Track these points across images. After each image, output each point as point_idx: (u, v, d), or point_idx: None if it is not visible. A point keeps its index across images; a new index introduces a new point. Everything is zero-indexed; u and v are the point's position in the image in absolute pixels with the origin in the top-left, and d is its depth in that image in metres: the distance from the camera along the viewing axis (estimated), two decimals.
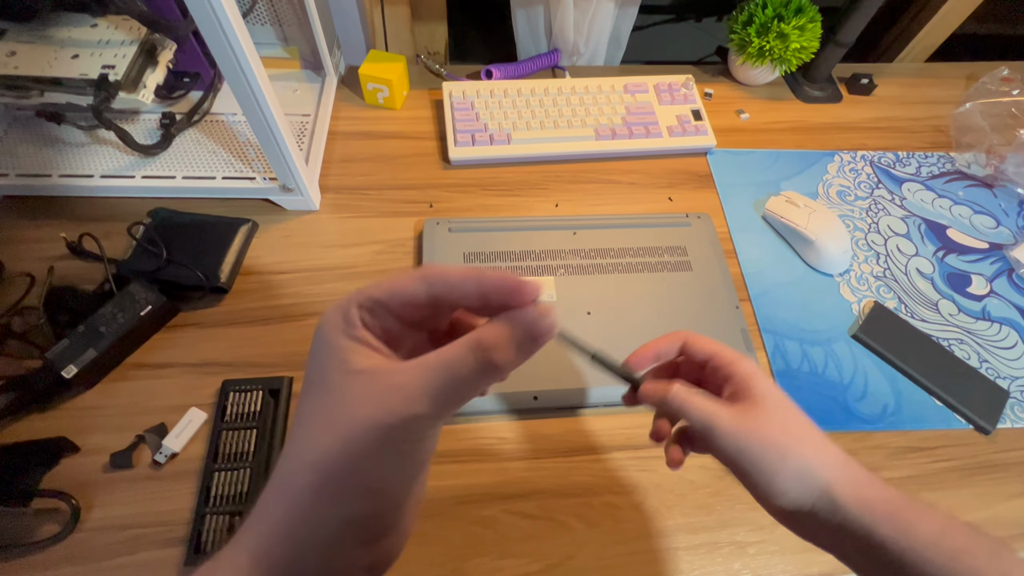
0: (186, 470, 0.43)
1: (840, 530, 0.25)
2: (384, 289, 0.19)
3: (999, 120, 0.69)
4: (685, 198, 0.64)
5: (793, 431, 0.26)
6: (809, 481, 0.26)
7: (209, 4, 0.37)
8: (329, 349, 0.19)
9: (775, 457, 0.25)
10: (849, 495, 0.25)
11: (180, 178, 0.56)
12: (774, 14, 0.67)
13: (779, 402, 0.27)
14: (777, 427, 0.26)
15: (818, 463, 0.25)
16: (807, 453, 0.25)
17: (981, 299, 0.58)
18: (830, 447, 0.26)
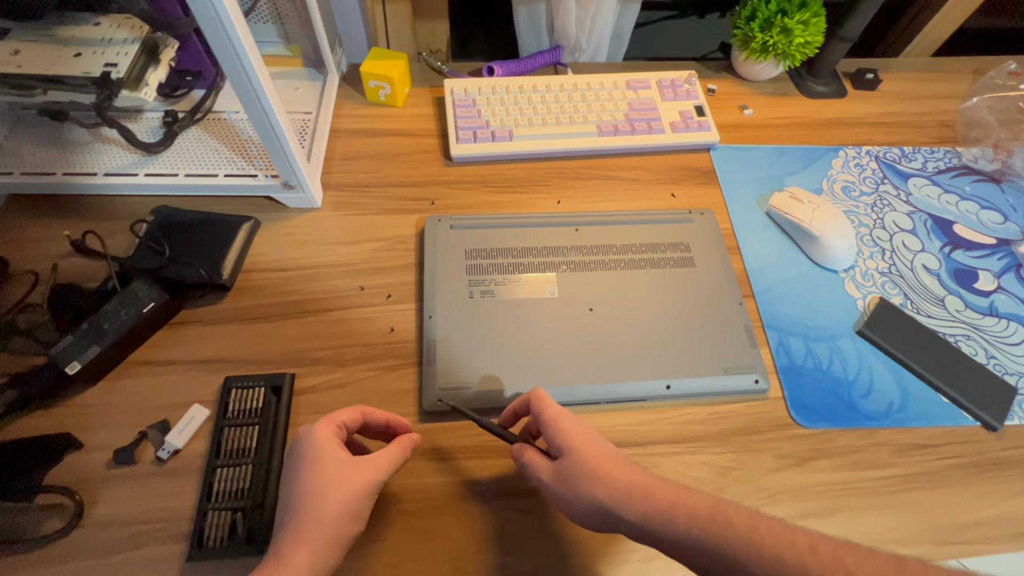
0: (189, 466, 0.43)
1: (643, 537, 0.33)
2: (345, 417, 0.38)
3: (1006, 114, 0.68)
4: (688, 194, 0.63)
5: (588, 473, 0.34)
6: (601, 511, 0.33)
7: (210, 2, 0.37)
8: (327, 447, 0.35)
9: (575, 498, 0.34)
10: (627, 512, 0.32)
11: (183, 176, 0.56)
12: (778, 9, 0.67)
13: (580, 452, 0.35)
14: (576, 474, 0.34)
15: (605, 497, 0.33)
16: (598, 490, 0.33)
17: (988, 295, 0.58)
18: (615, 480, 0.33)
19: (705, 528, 0.30)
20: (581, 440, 0.35)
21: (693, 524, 0.30)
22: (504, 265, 0.54)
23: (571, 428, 0.36)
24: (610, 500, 0.33)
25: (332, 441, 0.36)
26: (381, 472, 0.36)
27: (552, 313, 0.52)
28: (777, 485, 0.46)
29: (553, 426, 0.37)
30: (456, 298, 0.52)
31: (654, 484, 0.33)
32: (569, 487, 0.34)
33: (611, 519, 0.33)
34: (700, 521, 0.30)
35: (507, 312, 0.51)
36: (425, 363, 0.48)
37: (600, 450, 0.35)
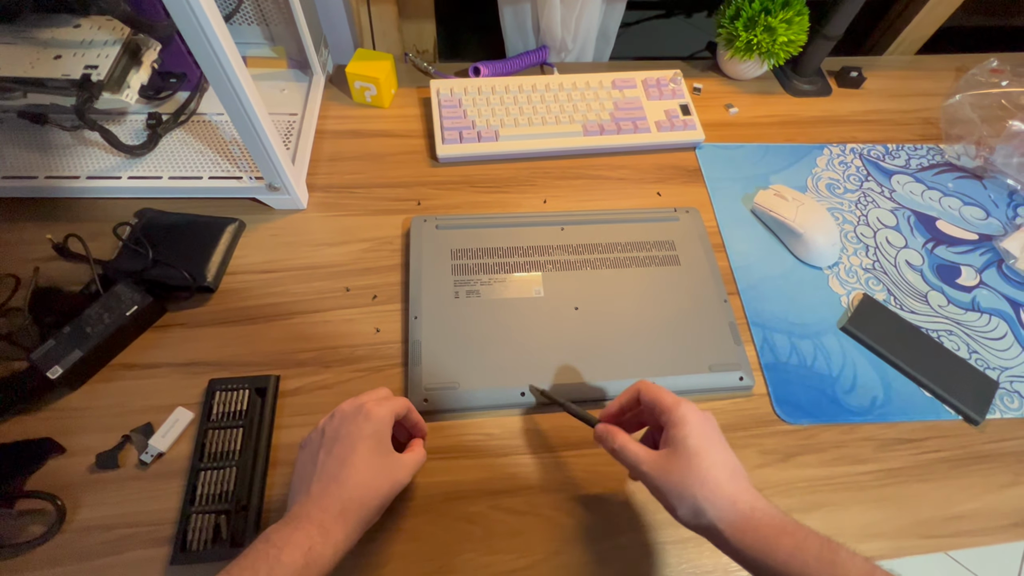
0: (172, 470, 0.43)
1: (736, 555, 0.32)
2: (398, 408, 0.39)
3: (989, 112, 0.69)
4: (674, 193, 0.63)
5: (696, 476, 0.33)
6: (701, 517, 0.33)
7: (188, 5, 0.37)
8: (387, 435, 0.37)
9: (676, 496, 0.33)
10: (727, 529, 0.32)
11: (167, 178, 0.56)
12: (761, 8, 0.67)
13: (693, 450, 0.33)
14: (682, 472, 0.33)
15: (708, 506, 0.32)
16: (700, 496, 0.32)
17: (971, 290, 0.58)
18: (722, 491, 0.32)
19: (809, 564, 0.29)
20: (697, 436, 0.34)
21: (796, 555, 0.30)
22: (490, 265, 0.54)
23: (690, 419, 0.34)
24: (712, 510, 0.32)
25: (389, 431, 0.37)
26: (411, 473, 0.38)
27: (538, 312, 0.52)
28: (762, 481, 0.46)
29: (673, 414, 0.35)
30: (442, 298, 0.52)
31: (762, 507, 0.32)
32: (673, 483, 0.33)
33: (709, 527, 0.32)
34: (806, 555, 0.29)
35: (493, 312, 0.51)
36: (411, 363, 0.48)
37: (715, 453, 0.34)
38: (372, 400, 0.38)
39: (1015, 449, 0.49)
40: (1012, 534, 0.46)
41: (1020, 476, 0.48)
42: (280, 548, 0.30)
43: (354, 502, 0.34)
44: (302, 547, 0.31)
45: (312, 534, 0.32)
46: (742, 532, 0.31)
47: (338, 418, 0.37)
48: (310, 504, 0.33)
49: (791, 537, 0.30)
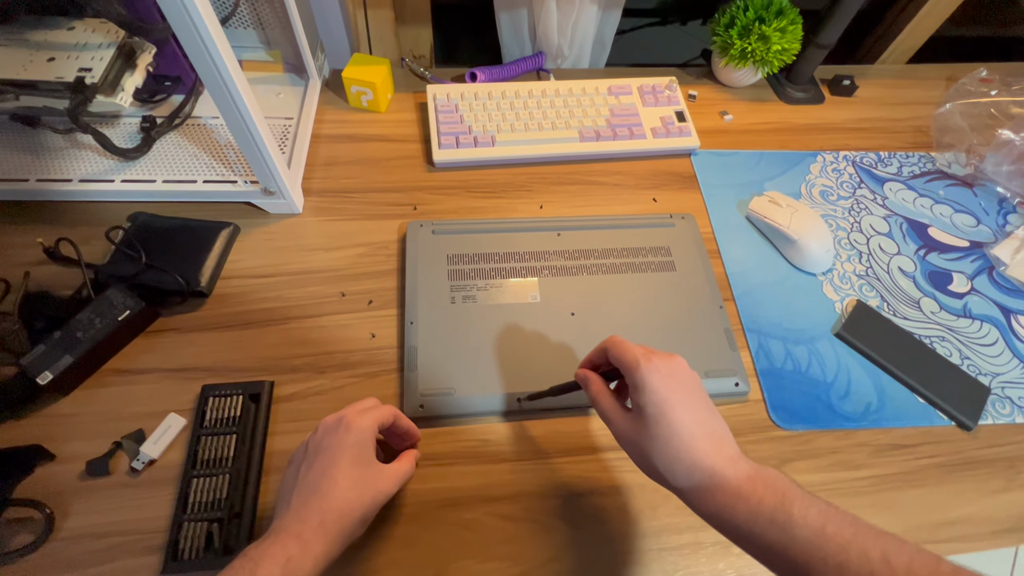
0: (164, 477, 0.43)
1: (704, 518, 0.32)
2: (383, 417, 0.39)
3: (978, 120, 0.70)
4: (669, 199, 0.64)
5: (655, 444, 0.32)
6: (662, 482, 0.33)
7: (184, 8, 0.37)
8: (368, 445, 0.37)
9: (639, 459, 0.34)
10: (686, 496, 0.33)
11: (160, 182, 0.55)
12: (755, 16, 0.68)
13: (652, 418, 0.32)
14: (644, 439, 0.33)
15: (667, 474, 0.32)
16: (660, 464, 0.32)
17: (962, 297, 0.59)
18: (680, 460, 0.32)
19: (764, 527, 0.29)
20: (657, 403, 0.32)
21: (752, 519, 0.29)
22: (486, 270, 0.54)
23: (649, 384, 0.32)
24: (672, 478, 0.32)
25: (372, 441, 0.37)
26: (396, 484, 0.37)
27: (534, 318, 0.52)
28: None
29: (634, 376, 0.33)
30: (438, 303, 0.52)
31: (720, 471, 0.31)
32: (636, 448, 0.33)
33: (672, 491, 0.33)
34: (760, 518, 0.29)
35: (489, 317, 0.51)
36: (407, 369, 0.48)
37: (675, 419, 0.32)
38: (354, 411, 0.38)
39: (1008, 455, 0.50)
40: (1005, 539, 0.46)
41: (1013, 482, 0.48)
42: (256, 563, 0.30)
43: (333, 513, 0.33)
44: (279, 560, 0.30)
45: (290, 546, 0.31)
46: (700, 499, 0.31)
47: (320, 431, 0.37)
48: (290, 517, 0.33)
49: (746, 502, 0.30)
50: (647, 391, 0.32)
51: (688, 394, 0.33)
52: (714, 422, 0.33)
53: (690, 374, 0.35)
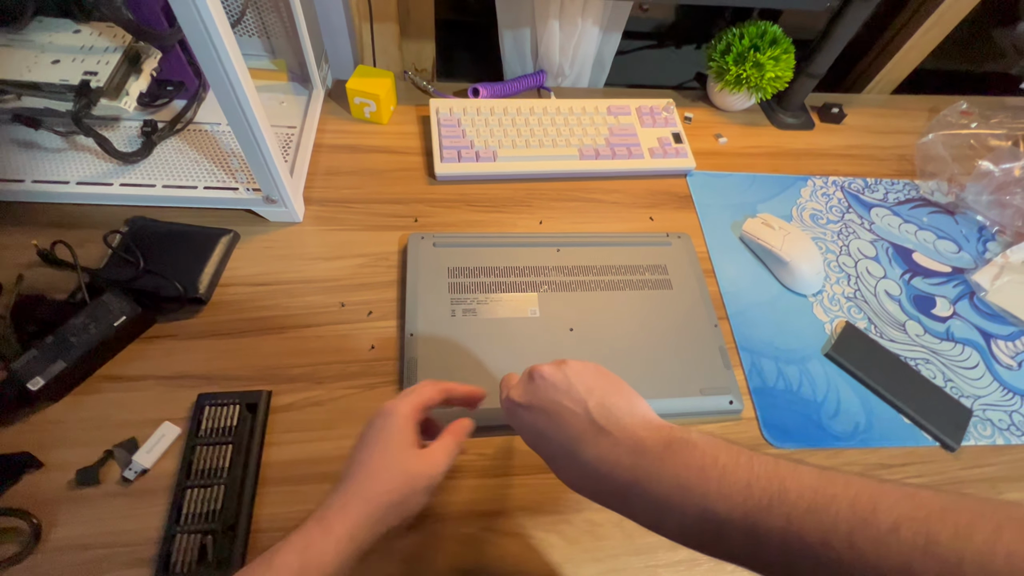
0: (157, 487, 0.42)
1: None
2: (427, 400, 0.38)
3: (959, 151, 0.73)
4: (666, 218, 0.65)
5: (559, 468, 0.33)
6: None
7: (198, 14, 0.37)
8: (400, 431, 0.35)
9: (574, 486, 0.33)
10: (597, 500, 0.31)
11: (160, 187, 0.55)
12: (751, 44, 0.70)
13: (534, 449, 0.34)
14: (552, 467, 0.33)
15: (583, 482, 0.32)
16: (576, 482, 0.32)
17: (945, 320, 0.61)
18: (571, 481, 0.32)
19: (699, 541, 0.27)
20: (534, 444, 0.34)
21: (682, 535, 0.27)
22: (486, 284, 0.55)
23: (518, 426, 0.34)
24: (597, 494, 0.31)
25: (408, 426, 0.35)
26: (439, 466, 0.35)
27: (533, 332, 0.52)
28: None
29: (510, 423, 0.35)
30: (438, 316, 0.52)
31: (598, 480, 0.30)
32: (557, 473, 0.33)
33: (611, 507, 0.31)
34: (690, 535, 0.27)
35: (489, 331, 0.52)
36: (406, 381, 0.48)
37: (544, 448, 0.33)
38: (397, 397, 0.37)
39: (988, 476, 0.51)
40: None
41: None
42: (274, 551, 0.30)
43: (358, 496, 0.32)
44: (296, 547, 0.30)
45: (311, 532, 0.31)
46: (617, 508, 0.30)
47: (366, 423, 0.37)
48: (320, 507, 0.33)
49: (622, 499, 0.29)
50: (522, 435, 0.34)
51: (553, 410, 0.32)
52: (604, 406, 0.31)
53: (555, 379, 0.33)
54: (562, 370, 0.33)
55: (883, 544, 0.21)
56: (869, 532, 0.22)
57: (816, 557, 0.23)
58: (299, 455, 0.45)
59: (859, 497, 0.23)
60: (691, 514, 0.26)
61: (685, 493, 0.26)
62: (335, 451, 0.45)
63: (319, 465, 0.44)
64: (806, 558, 0.23)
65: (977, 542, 0.20)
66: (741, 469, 0.26)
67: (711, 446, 0.27)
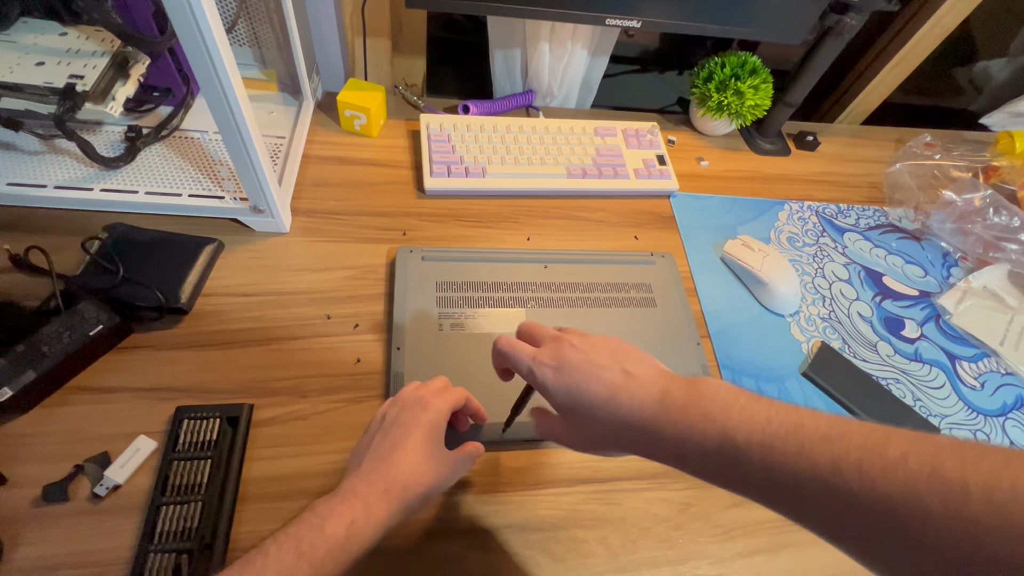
0: (130, 504, 0.40)
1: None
2: (455, 402, 0.40)
3: (924, 180, 0.77)
4: (650, 237, 0.67)
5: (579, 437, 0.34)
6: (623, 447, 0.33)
7: (194, 21, 0.37)
8: (440, 429, 0.38)
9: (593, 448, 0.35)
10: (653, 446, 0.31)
11: (143, 193, 0.54)
12: (731, 73, 0.73)
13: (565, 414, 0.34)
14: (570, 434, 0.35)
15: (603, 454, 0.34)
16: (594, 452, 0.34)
17: (914, 342, 0.63)
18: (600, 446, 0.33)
19: (717, 469, 0.28)
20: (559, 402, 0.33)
21: (702, 465, 0.29)
22: (474, 299, 0.55)
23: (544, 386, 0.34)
24: (630, 441, 0.31)
25: (445, 422, 0.38)
26: (456, 473, 0.38)
27: None
28: (732, 521, 0.48)
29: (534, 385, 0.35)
30: (425, 330, 0.52)
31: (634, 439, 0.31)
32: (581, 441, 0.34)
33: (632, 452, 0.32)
34: (710, 462, 0.28)
35: (476, 345, 0.52)
36: (392, 396, 0.48)
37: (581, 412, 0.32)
38: (432, 391, 0.39)
39: None
40: None
41: None
42: (324, 519, 0.31)
43: (398, 484, 0.34)
44: (345, 520, 0.31)
45: (356, 508, 0.32)
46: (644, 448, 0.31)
47: (399, 404, 0.38)
48: (357, 480, 0.34)
49: (649, 436, 0.30)
50: (549, 393, 0.34)
51: (585, 367, 0.33)
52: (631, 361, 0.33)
53: (583, 345, 0.34)
54: (588, 338, 0.35)
55: (890, 471, 0.22)
56: (878, 461, 0.22)
57: (825, 482, 0.24)
58: (281, 471, 0.44)
59: (872, 433, 0.24)
60: (712, 442, 0.27)
61: (707, 422, 0.28)
62: (319, 467, 0.44)
63: (302, 481, 0.43)
64: (816, 483, 0.24)
65: (983, 471, 0.20)
66: (761, 405, 0.27)
67: (733, 388, 0.29)
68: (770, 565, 0.46)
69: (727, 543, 0.47)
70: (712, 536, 0.47)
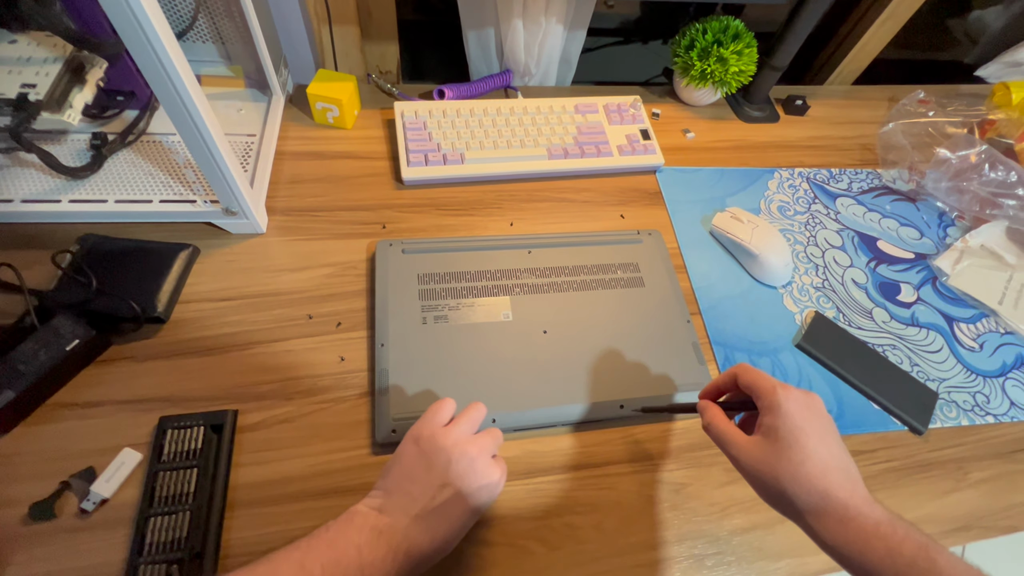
0: (118, 517, 0.40)
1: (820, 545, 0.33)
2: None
3: (918, 139, 0.74)
4: (636, 215, 0.65)
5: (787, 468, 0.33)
6: (788, 507, 0.33)
7: (137, 23, 0.35)
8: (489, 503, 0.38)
9: (763, 484, 0.34)
10: (815, 523, 0.32)
11: (112, 202, 0.53)
12: (713, 39, 0.71)
13: (786, 441, 0.33)
14: (773, 462, 0.33)
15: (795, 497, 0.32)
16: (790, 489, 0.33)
17: (910, 306, 0.62)
18: (813, 484, 0.32)
19: (901, 570, 0.29)
20: (791, 427, 0.33)
21: (889, 559, 0.29)
22: (458, 289, 0.54)
23: (785, 407, 0.33)
24: (800, 502, 0.32)
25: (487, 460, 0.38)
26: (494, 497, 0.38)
27: (506, 337, 0.52)
28: (727, 499, 0.47)
29: (768, 399, 0.34)
30: (409, 324, 0.51)
31: (857, 504, 0.31)
32: (762, 471, 0.33)
33: (797, 516, 0.33)
34: (898, 560, 0.29)
35: (461, 337, 0.51)
36: (377, 393, 0.47)
37: (810, 444, 0.32)
38: (501, 469, 0.38)
39: (955, 456, 0.52)
40: (956, 538, 0.48)
41: (960, 482, 0.51)
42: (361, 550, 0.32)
43: (427, 551, 0.34)
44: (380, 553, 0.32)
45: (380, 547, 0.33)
46: (828, 527, 0.31)
47: (467, 463, 0.36)
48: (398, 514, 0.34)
49: (884, 541, 0.30)
50: (782, 415, 0.33)
51: (822, 427, 0.34)
52: (847, 461, 0.34)
53: (825, 413, 0.35)
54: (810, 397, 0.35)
55: None
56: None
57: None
58: (269, 475, 0.43)
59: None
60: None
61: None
62: (307, 469, 0.44)
63: (290, 485, 0.43)
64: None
65: None
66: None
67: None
68: (768, 539, 0.46)
69: (724, 520, 0.46)
70: (708, 515, 0.47)
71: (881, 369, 0.56)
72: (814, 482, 0.32)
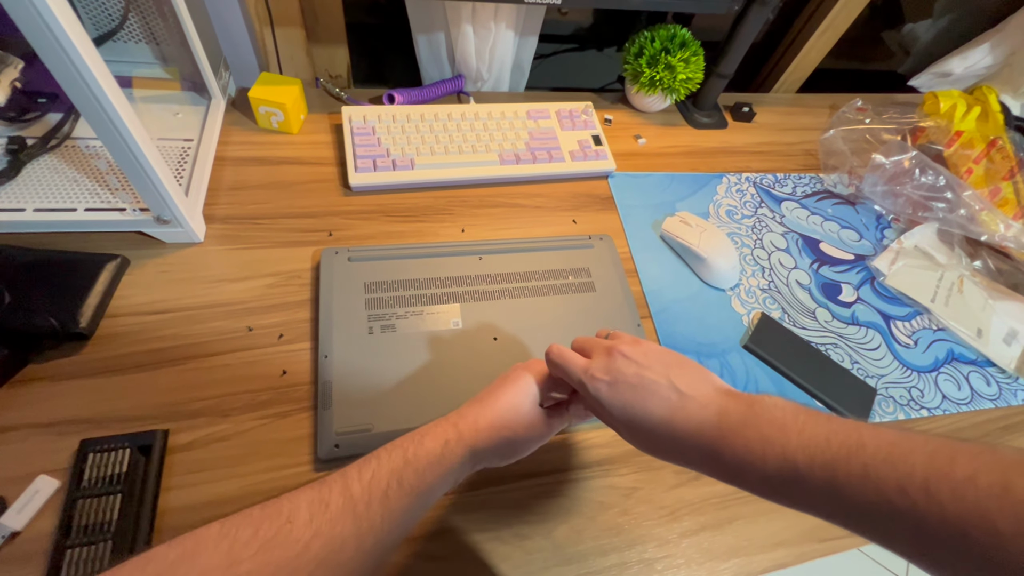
0: (30, 551, 0.37)
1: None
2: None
3: (857, 145, 0.78)
4: (588, 220, 0.65)
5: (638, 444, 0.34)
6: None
7: (46, 26, 0.33)
8: (531, 384, 0.38)
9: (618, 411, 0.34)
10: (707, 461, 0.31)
11: (31, 211, 0.49)
12: (661, 47, 0.72)
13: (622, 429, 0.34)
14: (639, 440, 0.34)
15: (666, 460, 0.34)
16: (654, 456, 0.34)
17: (850, 306, 0.64)
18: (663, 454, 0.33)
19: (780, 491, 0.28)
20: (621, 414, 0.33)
21: (764, 488, 0.28)
22: (406, 297, 0.53)
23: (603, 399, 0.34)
24: (685, 458, 0.32)
25: (538, 384, 0.39)
26: (542, 433, 0.38)
27: (456, 345, 0.51)
28: (677, 501, 0.48)
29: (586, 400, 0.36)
30: (354, 335, 0.50)
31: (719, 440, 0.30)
32: (641, 446, 0.34)
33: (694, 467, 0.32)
34: (772, 485, 0.28)
35: (409, 347, 0.50)
36: (320, 407, 0.45)
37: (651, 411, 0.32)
38: (537, 360, 0.40)
39: None
40: None
41: None
42: (423, 435, 0.34)
43: (486, 420, 0.35)
44: (439, 439, 0.34)
45: (449, 431, 0.34)
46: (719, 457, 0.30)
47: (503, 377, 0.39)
48: (454, 414, 0.36)
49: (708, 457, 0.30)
50: (604, 408, 0.34)
51: (639, 384, 0.33)
52: (685, 377, 0.32)
53: (635, 356, 0.34)
54: (640, 348, 0.35)
55: (959, 491, 0.21)
56: (946, 481, 0.22)
57: (892, 504, 0.23)
58: (201, 498, 0.41)
59: (938, 451, 0.23)
60: (772, 465, 0.27)
61: (767, 445, 0.27)
62: (244, 488, 0.42)
63: (225, 507, 0.41)
64: (884, 506, 0.23)
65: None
66: (820, 425, 0.27)
67: (791, 406, 0.29)
68: (717, 540, 0.46)
69: (673, 523, 0.46)
70: (658, 518, 0.47)
71: (824, 368, 0.58)
72: (674, 438, 0.31)
